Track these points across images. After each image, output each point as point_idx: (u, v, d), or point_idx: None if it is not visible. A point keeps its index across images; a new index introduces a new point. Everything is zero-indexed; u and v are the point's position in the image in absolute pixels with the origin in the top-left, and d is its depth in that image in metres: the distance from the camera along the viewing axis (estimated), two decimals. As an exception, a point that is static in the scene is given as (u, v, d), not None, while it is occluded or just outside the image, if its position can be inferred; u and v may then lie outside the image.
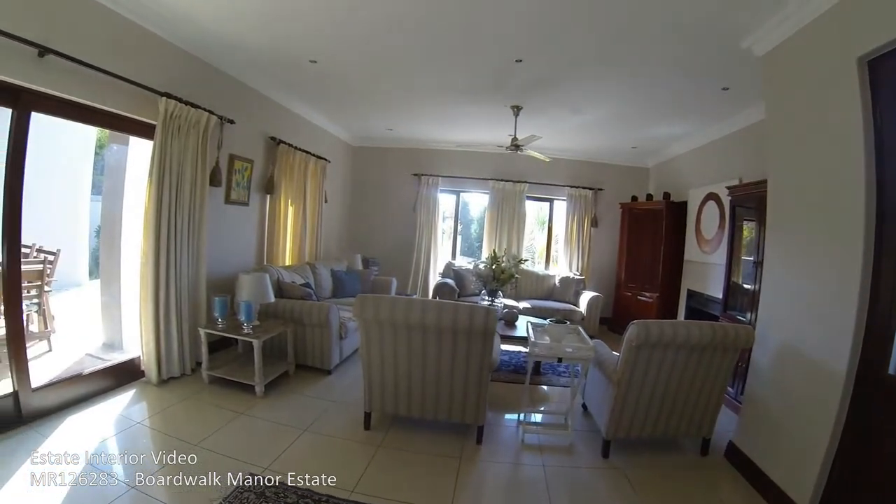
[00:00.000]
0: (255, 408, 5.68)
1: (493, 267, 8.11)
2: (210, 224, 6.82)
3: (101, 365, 5.90)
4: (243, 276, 6.41)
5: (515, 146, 8.50)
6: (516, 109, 8.30)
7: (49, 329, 7.12)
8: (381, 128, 11.10)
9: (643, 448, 5.26)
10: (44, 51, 4.51)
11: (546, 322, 6.12)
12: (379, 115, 9.85)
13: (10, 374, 4.81)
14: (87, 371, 5.66)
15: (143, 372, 6.11)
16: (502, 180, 11.97)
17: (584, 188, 11.88)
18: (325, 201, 10.53)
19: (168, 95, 5.84)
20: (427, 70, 7.02)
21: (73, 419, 5.05)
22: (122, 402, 5.58)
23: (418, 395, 5.13)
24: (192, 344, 6.48)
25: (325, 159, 10.30)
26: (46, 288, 7.26)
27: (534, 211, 13.12)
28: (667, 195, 10.14)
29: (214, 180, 6.89)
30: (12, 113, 4.66)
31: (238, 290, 6.39)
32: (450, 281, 10.55)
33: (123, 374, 6.03)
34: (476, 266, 8.41)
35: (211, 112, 6.54)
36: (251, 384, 6.00)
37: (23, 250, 7.94)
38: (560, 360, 5.31)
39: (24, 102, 4.67)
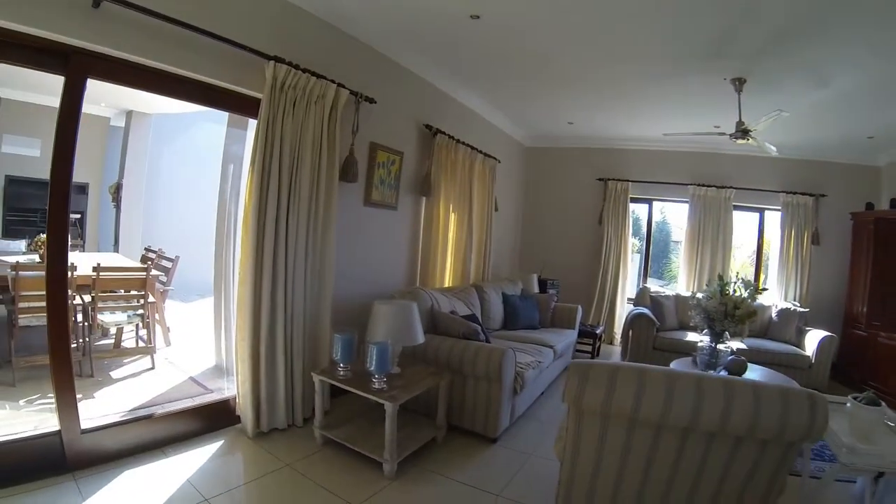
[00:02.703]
0: (379, 496, 3.61)
1: (724, 298, 5.57)
2: (342, 232, 5.05)
3: (180, 405, 4.47)
4: (380, 305, 4.33)
5: (743, 132, 5.90)
6: (739, 83, 5.71)
7: (153, 344, 5.96)
8: (560, 120, 8.75)
9: None
10: (98, -2, 3.21)
11: (849, 400, 3.38)
12: (556, 100, 7.50)
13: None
14: (159, 413, 4.21)
15: (238, 417, 4.41)
16: (704, 185, 9.18)
17: (802, 194, 8.77)
18: (496, 209, 8.43)
19: (278, 59, 4.15)
20: (626, 28, 4.81)
21: (131, 475, 3.59)
22: (201, 457, 3.95)
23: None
24: (306, 388, 4.61)
25: (495, 158, 8.21)
26: (151, 298, 6.03)
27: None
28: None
29: (348, 174, 5.04)
30: (64, 80, 3.39)
31: (370, 326, 4.33)
32: (646, 311, 7.89)
33: (214, 417, 4.41)
34: (694, 296, 5.82)
35: (341, 85, 4.71)
36: (379, 461, 3.88)
37: (149, 255, 7.62)
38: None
39: (75, 67, 3.39)
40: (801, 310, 7.98)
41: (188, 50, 3.80)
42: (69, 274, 5.28)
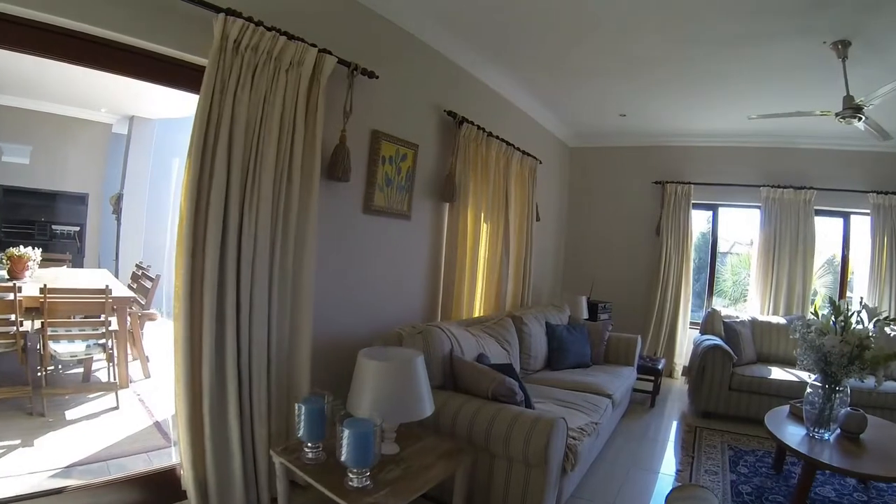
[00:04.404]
0: None
1: (845, 334, 3.88)
2: (331, 248, 3.88)
3: (101, 478, 3.33)
4: (366, 360, 2.84)
5: (854, 109, 4.49)
6: (842, 47, 4.32)
7: (115, 381, 5.13)
8: (610, 112, 7.35)
9: None
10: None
11: None
12: (606, 83, 6.10)
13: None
14: (73, 486, 3.14)
15: (185, 492, 3.18)
16: (779, 186, 7.69)
17: (895, 194, 7.24)
18: (537, 219, 7.02)
19: (231, 12, 2.94)
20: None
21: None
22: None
23: None
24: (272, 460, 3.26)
25: (535, 157, 6.81)
26: (114, 325, 5.20)
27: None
28: None
29: (337, 169, 3.74)
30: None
31: (352, 390, 2.88)
32: (720, 342, 6.29)
33: (152, 490, 3.26)
34: (801, 329, 4.26)
35: (326, 51, 3.45)
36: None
37: (139, 272, 7.10)
38: None
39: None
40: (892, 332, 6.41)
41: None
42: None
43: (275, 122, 3.17)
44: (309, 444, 2.71)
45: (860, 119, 4.58)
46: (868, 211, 7.39)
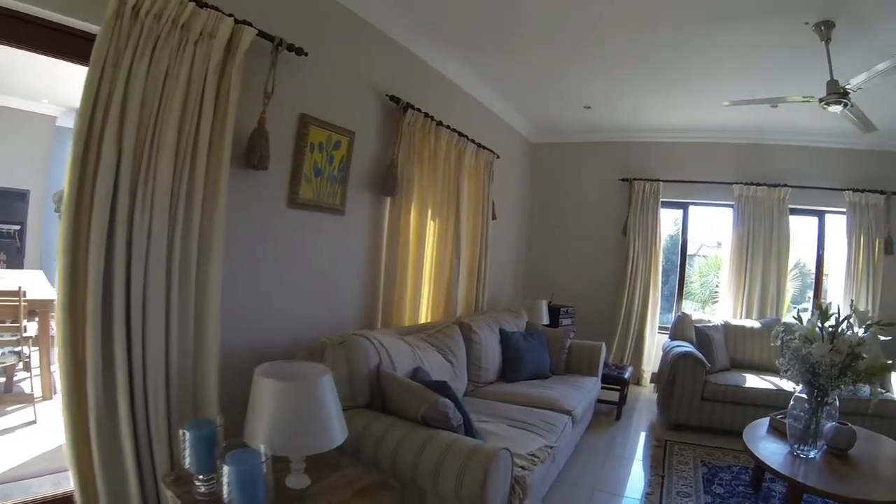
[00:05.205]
0: None
1: (835, 342, 3.63)
2: (247, 248, 3.51)
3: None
4: (263, 380, 2.35)
5: (839, 94, 4.26)
6: (825, 28, 4.13)
7: (32, 392, 4.96)
8: (574, 104, 7.09)
9: None
10: None
11: None
12: (570, 70, 5.87)
13: None
14: None
15: None
16: (753, 184, 7.59)
17: (871, 192, 7.17)
18: (493, 217, 6.74)
19: None
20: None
21: None
22: None
23: None
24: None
25: (492, 151, 6.50)
26: (29, 330, 5.03)
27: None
28: None
29: (253, 156, 3.35)
30: None
31: (249, 414, 2.38)
32: (691, 349, 6.06)
33: None
34: (783, 335, 3.97)
35: (245, 22, 3.10)
36: None
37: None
38: None
39: None
40: (882, 338, 6.23)
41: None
42: None
43: (178, 99, 2.81)
44: (200, 477, 2.33)
45: (845, 105, 4.36)
46: (844, 210, 7.33)
